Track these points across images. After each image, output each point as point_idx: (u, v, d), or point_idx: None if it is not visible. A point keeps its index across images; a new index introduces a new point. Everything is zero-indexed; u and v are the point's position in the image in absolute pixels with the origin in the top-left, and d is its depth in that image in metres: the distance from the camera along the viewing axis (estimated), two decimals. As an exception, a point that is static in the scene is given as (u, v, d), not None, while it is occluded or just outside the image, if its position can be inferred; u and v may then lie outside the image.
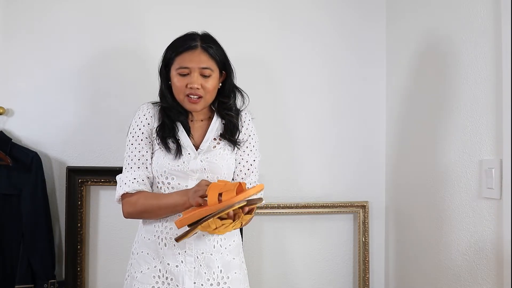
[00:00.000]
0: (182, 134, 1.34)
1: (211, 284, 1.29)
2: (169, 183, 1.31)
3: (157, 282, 1.30)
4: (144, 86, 1.86)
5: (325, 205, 1.98)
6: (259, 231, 1.97)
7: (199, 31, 1.35)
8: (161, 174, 1.31)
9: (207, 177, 1.30)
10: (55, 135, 1.85)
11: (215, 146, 1.35)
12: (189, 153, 1.31)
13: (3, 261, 1.74)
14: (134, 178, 1.30)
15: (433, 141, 1.67)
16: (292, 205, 1.96)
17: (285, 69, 1.99)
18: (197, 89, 1.28)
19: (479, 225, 1.42)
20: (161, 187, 1.32)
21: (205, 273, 1.29)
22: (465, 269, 1.48)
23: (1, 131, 1.77)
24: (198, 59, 1.28)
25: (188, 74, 1.28)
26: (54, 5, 1.85)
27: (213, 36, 1.36)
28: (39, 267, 1.74)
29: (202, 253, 1.30)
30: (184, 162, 1.30)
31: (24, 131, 1.83)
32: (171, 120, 1.34)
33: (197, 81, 1.28)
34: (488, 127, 1.38)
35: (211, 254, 1.30)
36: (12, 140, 1.77)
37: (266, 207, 1.94)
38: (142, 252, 1.34)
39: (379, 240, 2.06)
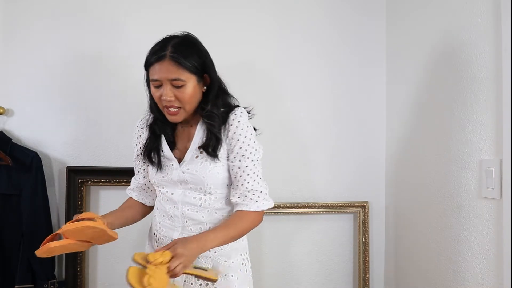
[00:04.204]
0: (165, 146, 1.33)
1: (200, 284, 1.31)
2: (160, 191, 1.36)
3: None
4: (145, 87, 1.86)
5: (325, 205, 1.99)
6: (259, 231, 1.97)
7: (179, 32, 1.27)
8: (153, 183, 1.37)
9: (190, 188, 1.28)
10: (55, 135, 1.85)
11: (198, 156, 1.28)
12: (172, 164, 1.31)
13: (3, 261, 1.74)
14: (134, 183, 1.47)
15: (433, 141, 1.67)
16: (292, 205, 1.96)
17: (284, 69, 1.99)
18: (171, 101, 1.21)
19: (479, 225, 1.42)
20: (158, 194, 1.39)
21: None
22: (465, 269, 1.48)
23: (1, 131, 1.77)
24: (166, 70, 1.20)
25: (161, 85, 1.22)
26: (54, 5, 1.85)
27: (191, 37, 1.27)
28: (39, 267, 1.74)
29: None
30: (167, 173, 1.31)
31: (24, 131, 1.83)
32: (156, 134, 1.33)
33: (169, 93, 1.20)
34: (488, 127, 1.38)
35: (199, 258, 1.28)
36: (12, 140, 1.77)
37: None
38: (147, 244, 1.44)
39: (379, 240, 2.06)
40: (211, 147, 1.26)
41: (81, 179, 1.84)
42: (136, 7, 1.90)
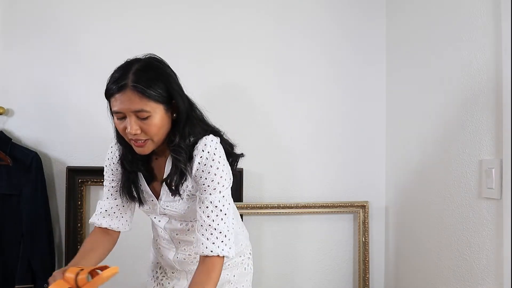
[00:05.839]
0: (142, 181, 1.24)
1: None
2: (150, 218, 1.32)
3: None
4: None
5: (325, 205, 1.98)
6: (259, 231, 1.97)
7: (141, 55, 1.16)
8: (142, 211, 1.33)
9: (175, 218, 1.24)
10: (55, 135, 1.85)
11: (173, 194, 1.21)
12: (152, 200, 1.24)
13: (3, 261, 1.74)
14: (101, 208, 1.29)
15: (433, 141, 1.67)
16: (292, 205, 1.96)
17: (284, 67, 1.99)
18: (136, 135, 1.09)
19: (479, 225, 1.42)
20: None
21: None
22: (465, 269, 1.48)
23: (1, 131, 1.77)
24: (129, 102, 1.06)
25: (124, 117, 1.09)
26: (54, 5, 1.85)
27: (154, 61, 1.14)
28: (39, 267, 1.74)
29: (190, 269, 1.34)
30: (150, 207, 1.26)
31: (24, 131, 1.83)
32: (128, 171, 1.22)
33: (134, 126, 1.08)
34: (488, 127, 1.38)
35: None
36: (12, 140, 1.77)
37: (266, 207, 1.94)
38: (153, 253, 1.46)
39: (379, 240, 2.06)
40: (174, 183, 1.16)
41: (81, 179, 1.84)
42: (132, 6, 1.90)
